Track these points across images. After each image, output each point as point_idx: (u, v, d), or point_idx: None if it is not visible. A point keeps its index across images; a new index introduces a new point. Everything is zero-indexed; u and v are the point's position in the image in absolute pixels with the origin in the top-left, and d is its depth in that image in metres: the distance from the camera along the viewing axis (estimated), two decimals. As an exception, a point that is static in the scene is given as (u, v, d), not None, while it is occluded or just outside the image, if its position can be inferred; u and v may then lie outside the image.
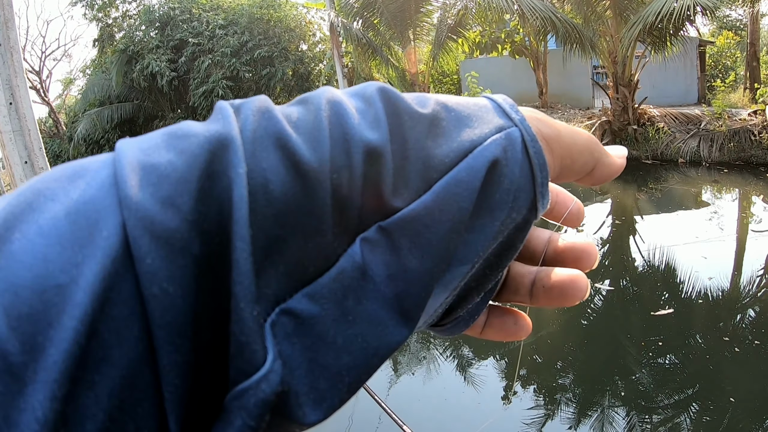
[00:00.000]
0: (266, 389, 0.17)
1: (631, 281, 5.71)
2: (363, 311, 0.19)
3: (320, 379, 0.18)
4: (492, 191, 0.21)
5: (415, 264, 0.20)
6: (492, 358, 4.32)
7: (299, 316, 0.18)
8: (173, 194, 0.17)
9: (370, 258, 0.20)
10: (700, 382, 3.80)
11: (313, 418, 0.18)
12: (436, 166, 0.21)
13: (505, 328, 0.32)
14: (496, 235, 0.22)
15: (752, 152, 10.12)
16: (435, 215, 0.20)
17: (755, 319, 4.62)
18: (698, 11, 10.00)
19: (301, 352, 0.18)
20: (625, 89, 11.48)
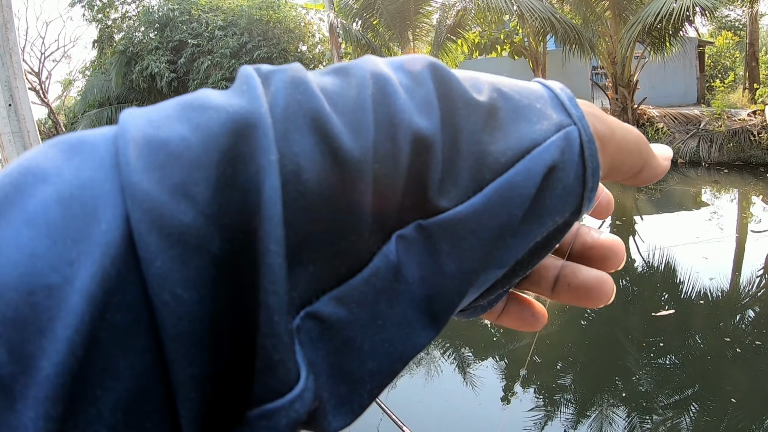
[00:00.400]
0: (300, 409, 0.15)
1: (631, 282, 5.70)
2: (393, 315, 0.18)
3: (341, 385, 0.17)
4: (545, 197, 0.19)
5: (452, 269, 0.18)
6: (493, 360, 4.32)
7: (326, 321, 0.16)
8: (186, 181, 0.14)
9: (405, 258, 0.18)
10: (702, 382, 3.79)
11: (335, 426, 0.17)
12: (491, 165, 0.19)
13: (522, 317, 0.29)
14: (536, 237, 0.21)
15: (751, 152, 10.13)
16: (483, 221, 0.18)
17: (756, 320, 4.61)
18: (697, 11, 10.01)
19: (324, 358, 0.17)
20: (624, 90, 11.48)
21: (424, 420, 3.65)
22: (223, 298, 0.14)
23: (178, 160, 0.14)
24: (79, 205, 0.14)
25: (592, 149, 0.21)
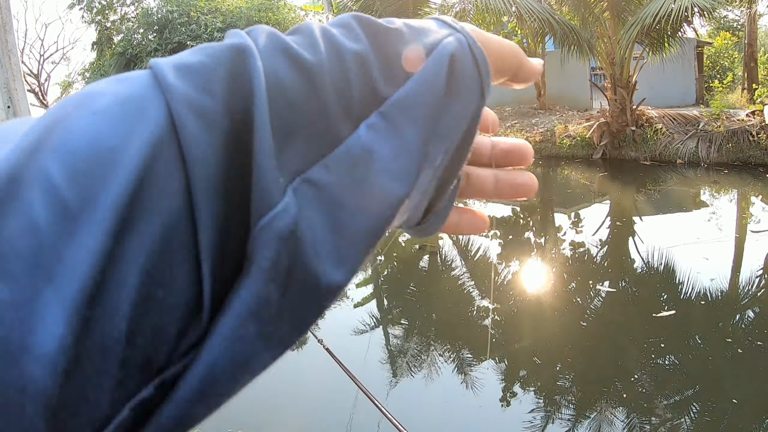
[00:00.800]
0: (280, 224, 0.20)
1: (632, 283, 5.71)
2: (372, 181, 0.23)
3: (341, 238, 0.22)
4: (455, 79, 0.26)
5: (411, 134, 0.24)
6: (492, 361, 4.31)
7: (317, 184, 0.21)
8: (207, 83, 0.20)
9: (375, 138, 0.23)
10: (703, 383, 3.79)
11: (336, 277, 0.21)
12: None
13: (474, 223, 0.38)
14: (462, 116, 0.27)
15: (750, 153, 10.14)
16: (419, 96, 0.24)
17: (757, 320, 4.61)
18: (696, 12, 10.02)
19: (323, 216, 0.21)
20: (623, 90, 11.49)
21: (424, 422, 3.65)
22: (231, 157, 0.20)
23: (200, 72, 0.20)
24: (132, 103, 0.19)
25: (477, 46, 0.27)
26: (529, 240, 7.73)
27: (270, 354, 0.21)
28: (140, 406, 0.18)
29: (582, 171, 11.51)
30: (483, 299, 5.56)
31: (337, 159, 0.22)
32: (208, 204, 0.19)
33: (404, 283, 6.23)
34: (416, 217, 0.31)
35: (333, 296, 0.22)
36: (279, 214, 0.20)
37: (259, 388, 4.28)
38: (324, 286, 0.21)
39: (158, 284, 0.18)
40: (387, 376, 4.25)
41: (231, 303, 0.19)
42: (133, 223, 0.18)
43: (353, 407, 3.70)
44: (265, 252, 0.19)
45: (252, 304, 0.19)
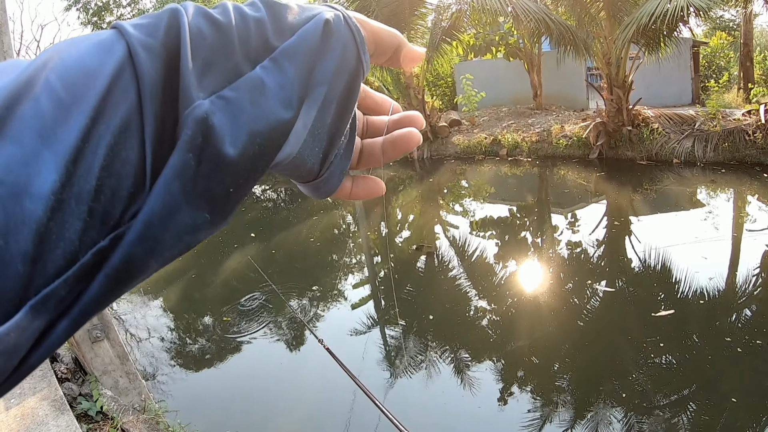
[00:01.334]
0: (196, 111, 0.27)
1: (630, 282, 5.72)
2: (265, 101, 0.31)
3: (241, 133, 0.29)
4: (328, 36, 0.34)
5: (291, 72, 0.32)
6: (491, 362, 4.32)
7: (226, 98, 0.29)
8: (152, 31, 0.29)
9: (266, 75, 0.31)
10: (702, 382, 3.80)
11: (231, 152, 0.28)
12: (296, 24, 0.34)
13: (367, 186, 0.45)
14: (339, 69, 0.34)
15: (747, 152, 10.17)
16: (299, 46, 0.33)
17: (756, 319, 4.63)
18: (691, 12, 10.04)
19: (229, 117, 0.29)
20: (619, 90, 11.51)
21: (424, 422, 3.65)
22: (167, 75, 0.28)
23: (148, 25, 0.29)
24: (105, 44, 0.28)
25: (353, 20, 0.36)
26: (526, 240, 7.74)
27: (190, 209, 0.28)
28: (99, 253, 0.25)
29: (578, 171, 11.53)
30: (480, 299, 5.57)
31: (240, 84, 0.30)
32: (151, 104, 0.27)
33: (401, 283, 6.23)
34: (311, 164, 0.37)
35: (231, 170, 0.29)
36: (196, 106, 0.28)
37: (259, 387, 4.28)
38: (222, 159, 0.28)
39: (117, 157, 0.26)
40: (385, 376, 4.26)
41: (164, 169, 0.27)
42: (104, 114, 0.26)
43: (352, 407, 3.70)
44: (187, 130, 0.27)
45: (177, 167, 0.27)
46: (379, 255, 7.63)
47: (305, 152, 0.35)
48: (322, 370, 4.36)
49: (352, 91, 0.36)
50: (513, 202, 9.77)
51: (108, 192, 0.25)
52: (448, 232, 8.33)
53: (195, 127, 0.27)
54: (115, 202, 0.26)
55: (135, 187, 0.26)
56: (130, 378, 3.82)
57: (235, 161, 0.29)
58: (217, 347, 4.96)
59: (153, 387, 4.26)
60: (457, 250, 7.38)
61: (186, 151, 0.27)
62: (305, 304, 5.88)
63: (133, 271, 0.26)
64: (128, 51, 0.28)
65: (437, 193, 11.10)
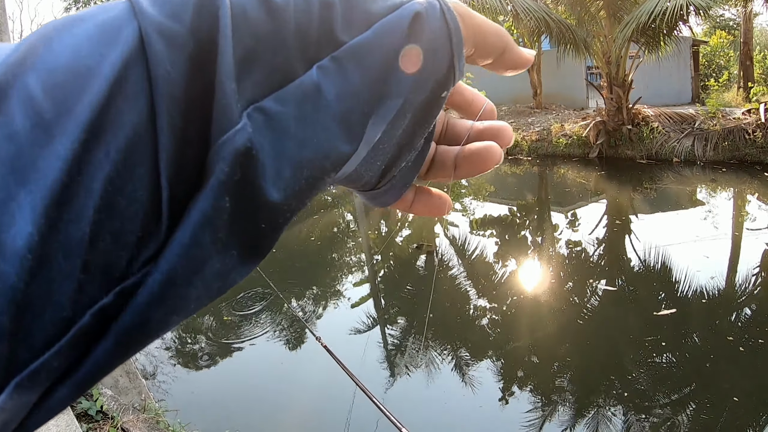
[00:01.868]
0: (239, 140, 0.21)
1: (631, 281, 5.72)
2: (318, 119, 0.24)
3: (284, 166, 0.23)
4: (416, 37, 0.26)
5: (357, 80, 0.25)
6: (490, 361, 4.32)
7: (268, 113, 0.23)
8: (177, 11, 0.22)
9: (324, 79, 0.24)
10: (703, 381, 3.80)
11: (275, 197, 0.23)
12: (375, 14, 0.26)
13: (431, 203, 0.37)
14: (422, 78, 0.27)
15: (746, 151, 10.16)
16: (374, 45, 0.25)
17: (758, 318, 4.63)
18: (691, 11, 10.03)
19: (270, 142, 0.22)
20: (619, 89, 11.51)
21: (424, 422, 3.65)
22: (194, 77, 0.21)
23: (171, 2, 0.22)
24: (109, 26, 0.21)
25: (452, 15, 0.27)
26: (526, 239, 7.74)
27: (220, 259, 0.22)
28: (101, 313, 0.20)
29: (578, 170, 11.53)
30: (480, 298, 5.57)
31: (289, 93, 0.23)
32: (169, 119, 0.20)
33: (401, 282, 6.23)
34: (369, 177, 0.31)
35: (270, 213, 0.23)
36: (239, 131, 0.21)
37: (259, 386, 4.28)
38: (264, 202, 0.22)
39: (120, 193, 0.20)
40: (385, 376, 4.26)
41: (189, 213, 0.21)
42: (101, 135, 0.19)
43: (352, 406, 3.70)
44: (223, 165, 0.21)
45: (208, 212, 0.21)
46: (379, 254, 7.63)
47: (363, 168, 0.29)
48: (322, 369, 4.36)
49: (435, 106, 0.28)
50: (513, 201, 9.77)
51: (108, 239, 0.20)
52: (448, 231, 8.32)
53: (234, 161, 0.21)
54: (118, 251, 0.20)
55: (145, 230, 0.21)
56: (130, 377, 3.82)
57: (278, 203, 0.23)
58: (217, 347, 4.96)
59: (153, 386, 4.26)
60: (457, 249, 7.38)
61: (221, 193, 0.21)
62: (305, 303, 5.88)
63: (150, 332, 0.21)
64: (140, 39, 0.21)
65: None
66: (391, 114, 0.26)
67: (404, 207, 0.37)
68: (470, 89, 0.38)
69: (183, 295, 0.21)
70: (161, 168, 0.20)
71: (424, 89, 0.27)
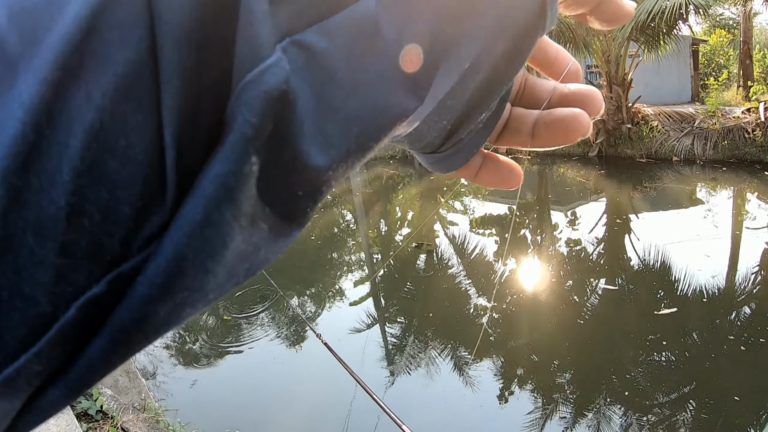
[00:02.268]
0: (272, 79, 0.16)
1: (632, 280, 5.72)
2: (373, 62, 0.19)
3: (329, 121, 0.18)
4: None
5: (423, 19, 0.19)
6: (490, 361, 4.32)
7: (310, 49, 0.17)
8: None
9: (383, 12, 0.19)
10: (704, 381, 3.80)
11: (319, 161, 0.18)
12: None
13: (500, 173, 0.32)
14: (502, 20, 0.21)
15: (746, 150, 10.16)
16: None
17: (759, 318, 4.62)
18: (691, 10, 10.03)
19: (311, 87, 0.17)
20: (618, 88, 11.50)
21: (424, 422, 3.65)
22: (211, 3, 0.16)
23: None
24: None
25: None
26: (526, 238, 7.74)
27: (245, 238, 0.17)
28: (91, 305, 0.15)
29: (578, 169, 11.53)
30: (480, 297, 5.57)
31: (337, 26, 0.18)
32: (176, 55, 0.15)
33: (401, 281, 6.23)
34: (432, 138, 0.26)
35: (310, 179, 0.18)
36: (270, 68, 0.16)
37: (259, 385, 4.28)
38: (303, 167, 0.18)
39: (108, 151, 0.15)
40: (385, 375, 4.26)
41: (202, 179, 0.16)
42: (79, 73, 0.14)
43: (352, 406, 3.70)
44: (249, 114, 0.16)
45: (227, 179, 0.16)
46: (379, 253, 7.63)
47: (425, 127, 0.24)
48: (322, 368, 4.36)
49: (518, 58, 0.23)
50: (512, 200, 9.77)
51: (94, 214, 0.15)
52: (448, 230, 8.32)
53: (265, 108, 0.16)
54: (110, 229, 0.15)
55: (145, 200, 0.16)
56: (130, 377, 3.83)
57: (321, 168, 0.18)
58: (217, 346, 4.96)
59: (153, 386, 4.26)
60: (456, 248, 7.38)
61: (246, 154, 0.16)
62: (305, 300, 5.88)
63: (154, 328, 0.16)
64: None
65: (437, 190, 11.09)
66: (465, 63, 0.21)
67: (469, 175, 0.32)
68: (553, 44, 0.32)
69: (196, 285, 0.16)
70: (164, 119, 0.15)
71: (507, 35, 0.22)
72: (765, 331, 4.26)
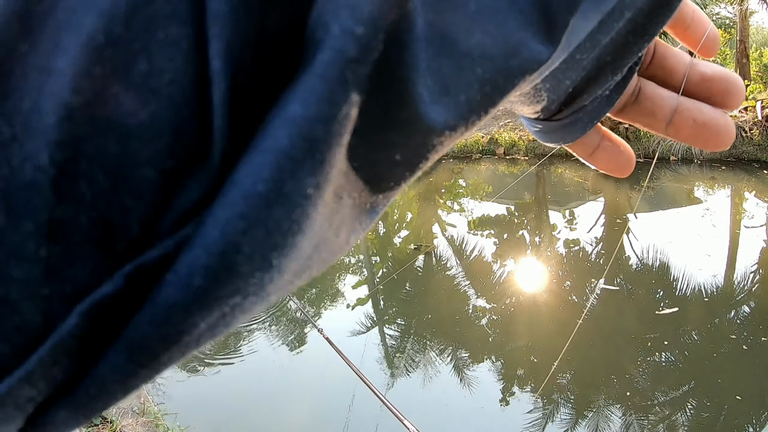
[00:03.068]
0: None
1: (632, 280, 5.71)
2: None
3: (444, 57, 0.13)
4: None
5: None
6: (489, 361, 4.31)
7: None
8: None
9: None
10: (705, 380, 3.79)
11: (432, 114, 0.13)
12: None
13: (618, 156, 0.29)
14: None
15: (743, 148, 10.17)
16: None
17: (761, 317, 4.62)
18: (687, 9, 10.05)
19: (429, 9, 0.12)
20: (616, 88, 11.52)
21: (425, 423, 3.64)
22: None
23: None
24: None
25: None
26: (524, 238, 7.74)
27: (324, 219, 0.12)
28: (101, 310, 0.11)
29: (576, 169, 11.53)
30: (478, 298, 5.56)
31: None
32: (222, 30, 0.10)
33: (400, 283, 6.22)
34: (550, 101, 0.21)
35: (417, 142, 0.13)
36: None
37: (259, 388, 4.26)
38: (412, 119, 0.13)
39: (120, 79, 0.10)
40: (384, 377, 4.25)
41: (270, 126, 0.11)
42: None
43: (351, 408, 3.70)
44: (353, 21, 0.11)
45: (314, 126, 0.11)
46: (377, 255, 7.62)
47: (547, 85, 0.20)
48: (323, 371, 4.35)
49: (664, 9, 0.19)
50: (511, 201, 9.77)
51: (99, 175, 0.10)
52: (446, 232, 8.32)
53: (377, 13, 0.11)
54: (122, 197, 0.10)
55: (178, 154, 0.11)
56: (129, 381, 3.81)
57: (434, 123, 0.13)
58: (216, 348, 4.95)
59: (152, 389, 4.24)
60: (455, 249, 7.37)
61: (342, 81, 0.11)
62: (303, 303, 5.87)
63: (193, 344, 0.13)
64: None
65: (435, 192, 11.09)
66: (607, 6, 0.16)
67: (584, 152, 0.28)
68: (693, 5, 0.28)
69: (253, 288, 0.12)
70: (209, 28, 0.10)
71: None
72: (767, 330, 4.26)
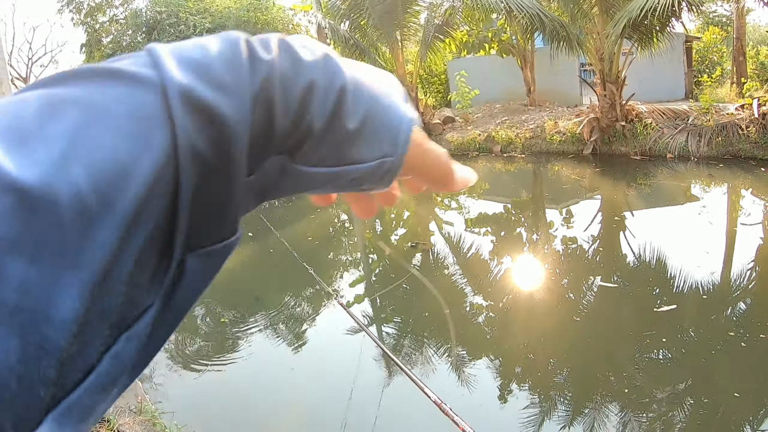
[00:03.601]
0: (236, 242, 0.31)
1: (630, 278, 5.72)
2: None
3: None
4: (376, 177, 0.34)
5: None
6: (488, 360, 4.32)
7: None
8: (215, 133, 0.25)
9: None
10: (704, 378, 3.81)
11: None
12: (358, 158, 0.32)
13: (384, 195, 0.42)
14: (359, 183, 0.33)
15: (740, 146, 10.20)
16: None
17: (758, 314, 4.64)
18: (684, 7, 10.06)
19: None
20: (612, 86, 11.53)
21: (425, 422, 3.64)
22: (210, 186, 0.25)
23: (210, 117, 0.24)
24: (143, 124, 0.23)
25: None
26: (521, 236, 7.75)
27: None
28: (115, 358, 0.23)
29: (573, 167, 11.55)
30: (476, 295, 5.57)
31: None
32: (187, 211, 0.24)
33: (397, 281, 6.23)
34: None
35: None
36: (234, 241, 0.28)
37: (256, 388, 4.26)
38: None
39: (140, 267, 0.23)
40: (381, 375, 4.25)
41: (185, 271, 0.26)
42: (135, 227, 0.22)
43: (348, 408, 3.69)
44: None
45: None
46: (374, 253, 7.62)
47: None
48: (320, 371, 4.36)
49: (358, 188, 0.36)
50: (508, 199, 9.78)
51: (128, 303, 0.23)
52: (443, 230, 8.33)
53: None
54: (131, 310, 0.24)
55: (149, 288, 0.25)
56: (127, 379, 3.81)
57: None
58: (214, 348, 4.95)
59: (149, 388, 4.24)
60: (452, 247, 7.38)
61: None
62: (301, 301, 5.87)
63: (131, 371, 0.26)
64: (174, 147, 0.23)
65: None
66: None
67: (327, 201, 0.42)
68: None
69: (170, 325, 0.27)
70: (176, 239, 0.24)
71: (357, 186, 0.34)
72: (765, 327, 4.27)
